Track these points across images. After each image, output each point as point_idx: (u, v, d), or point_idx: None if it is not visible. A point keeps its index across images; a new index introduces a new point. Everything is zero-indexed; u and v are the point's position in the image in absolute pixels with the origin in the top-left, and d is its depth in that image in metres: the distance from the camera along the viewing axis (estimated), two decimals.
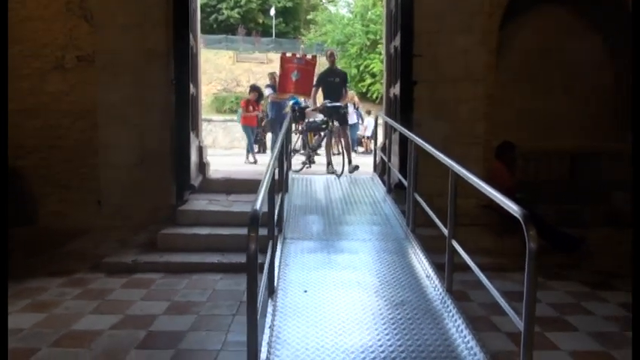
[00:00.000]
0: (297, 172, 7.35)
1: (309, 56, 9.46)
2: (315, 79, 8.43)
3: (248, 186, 6.46)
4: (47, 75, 6.23)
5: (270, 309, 3.03)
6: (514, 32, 6.92)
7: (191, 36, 5.59)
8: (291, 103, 9.16)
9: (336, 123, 7.40)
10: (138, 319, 3.51)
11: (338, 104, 7.33)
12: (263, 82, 27.25)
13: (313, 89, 7.99)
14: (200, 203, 5.83)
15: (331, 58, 7.97)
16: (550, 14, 7.01)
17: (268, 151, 11.34)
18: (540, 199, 6.45)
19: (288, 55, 8.94)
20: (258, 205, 2.27)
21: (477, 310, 3.69)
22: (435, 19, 5.98)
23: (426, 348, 2.73)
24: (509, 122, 6.71)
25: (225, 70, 28.29)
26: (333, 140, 7.81)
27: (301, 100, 9.29)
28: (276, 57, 31.53)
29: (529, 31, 6.99)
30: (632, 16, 3.56)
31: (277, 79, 9.12)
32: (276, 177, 3.88)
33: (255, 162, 9.20)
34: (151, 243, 5.19)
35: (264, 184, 2.64)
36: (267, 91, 9.83)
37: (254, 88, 10.53)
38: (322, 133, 7.80)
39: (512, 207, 2.27)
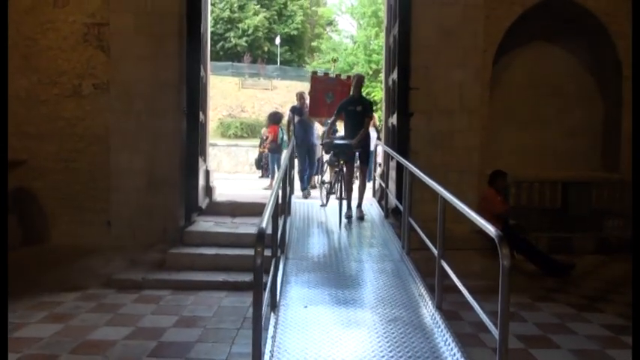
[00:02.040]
0: (323, 205, 6.78)
1: (343, 76, 8.27)
2: None
3: (252, 209, 6.76)
4: (64, 101, 6.58)
5: (272, 322, 3.27)
6: (507, 67, 7.32)
7: (202, 67, 5.97)
8: (321, 131, 8.15)
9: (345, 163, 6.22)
10: (148, 331, 3.76)
11: (346, 142, 6.09)
12: (267, 108, 27.94)
13: (332, 118, 6.76)
14: (206, 225, 6.11)
15: (358, 84, 6.54)
16: (540, 50, 7.42)
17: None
18: (533, 226, 6.73)
19: (320, 74, 7.93)
20: (264, 224, 2.54)
21: (466, 328, 3.92)
22: (431, 54, 6.36)
23: (417, 359, 2.96)
24: (503, 152, 7.04)
25: (230, 96, 28.93)
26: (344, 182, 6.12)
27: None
28: (280, 84, 32.31)
29: (521, 66, 7.40)
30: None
31: (306, 100, 8.08)
32: (280, 201, 4.17)
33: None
34: (160, 262, 5.45)
35: (270, 205, 2.92)
36: (289, 115, 8.40)
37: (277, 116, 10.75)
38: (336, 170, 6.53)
39: (488, 228, 2.55)
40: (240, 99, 29.11)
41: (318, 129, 9.00)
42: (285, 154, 10.09)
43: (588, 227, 6.97)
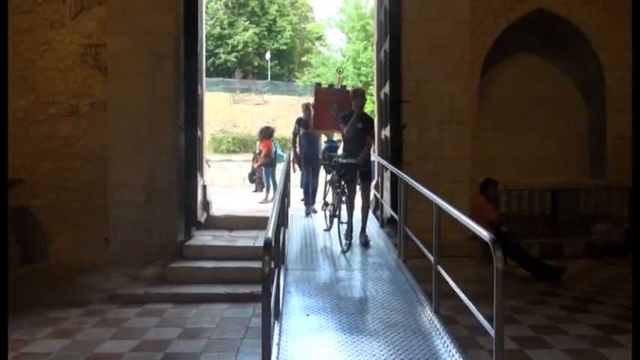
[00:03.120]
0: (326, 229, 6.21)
1: (349, 88, 7.64)
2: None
3: (249, 223, 6.89)
4: (61, 120, 6.69)
5: (276, 330, 3.37)
6: (494, 78, 7.57)
7: (198, 85, 6.12)
8: (324, 146, 7.61)
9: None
10: (154, 344, 3.83)
11: (352, 161, 5.54)
12: (259, 123, 28.09)
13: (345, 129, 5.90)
14: (205, 239, 6.20)
15: (359, 99, 5.78)
16: (526, 62, 7.69)
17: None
18: (524, 232, 6.90)
19: (324, 85, 7.40)
20: (270, 234, 2.66)
21: (464, 332, 4.04)
22: (421, 68, 6.57)
23: None
24: (493, 161, 7.25)
25: (222, 111, 29.10)
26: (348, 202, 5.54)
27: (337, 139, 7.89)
28: (271, 99, 32.56)
29: (508, 78, 7.65)
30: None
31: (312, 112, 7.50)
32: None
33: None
34: (160, 276, 5.52)
35: (273, 217, 3.05)
36: (295, 128, 7.82)
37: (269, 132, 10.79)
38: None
39: (482, 233, 2.69)
40: (231, 114, 29.29)
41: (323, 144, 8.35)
42: (281, 168, 10.19)
43: (577, 233, 7.16)
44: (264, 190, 9.84)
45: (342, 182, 5.58)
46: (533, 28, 7.33)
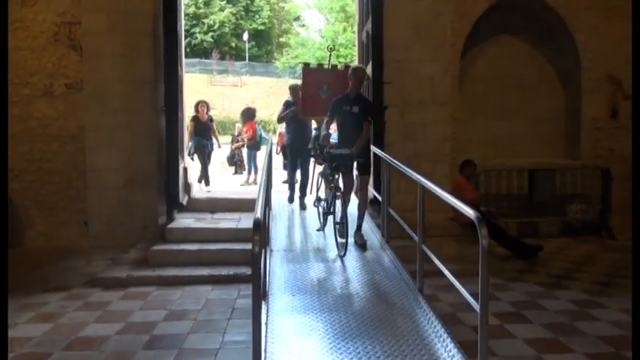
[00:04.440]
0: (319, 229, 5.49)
1: (341, 67, 6.97)
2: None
3: (230, 205, 6.87)
4: (36, 102, 6.49)
5: (264, 310, 3.39)
6: (474, 60, 7.63)
7: (178, 65, 6.00)
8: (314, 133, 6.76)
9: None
10: (140, 326, 3.82)
11: (346, 152, 4.83)
12: (237, 105, 27.76)
13: (325, 120, 5.34)
14: (187, 221, 6.15)
15: (357, 79, 5.15)
16: (506, 43, 7.76)
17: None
18: (502, 212, 7.06)
19: (313, 66, 6.58)
20: (259, 214, 2.66)
21: (446, 309, 4.14)
22: (403, 49, 6.56)
23: (402, 338, 3.15)
24: (473, 141, 7.35)
25: (199, 93, 28.58)
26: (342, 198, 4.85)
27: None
28: (249, 80, 32.16)
29: (488, 59, 7.72)
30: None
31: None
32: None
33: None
34: (142, 259, 5.48)
35: (261, 198, 3.05)
36: (281, 111, 6.90)
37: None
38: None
39: (468, 211, 2.75)
40: (209, 96, 28.77)
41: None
42: (263, 153, 10.10)
43: (553, 212, 7.35)
44: (246, 172, 9.79)
45: (336, 176, 4.90)
46: (512, 10, 7.37)
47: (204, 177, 8.15)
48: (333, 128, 5.79)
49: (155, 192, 6.36)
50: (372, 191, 6.22)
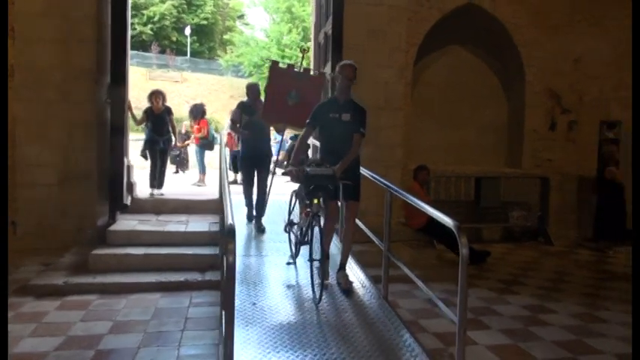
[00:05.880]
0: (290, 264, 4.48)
1: (314, 72, 6.23)
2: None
3: (177, 206, 6.51)
4: None
5: (224, 320, 3.17)
6: (426, 68, 7.79)
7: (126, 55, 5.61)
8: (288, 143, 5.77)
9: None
10: (82, 340, 3.46)
11: (327, 172, 3.74)
12: (178, 102, 26.74)
13: (303, 131, 4.21)
14: (131, 223, 5.74)
15: (347, 79, 4.01)
16: (455, 54, 7.99)
17: (190, 173, 11.17)
18: (451, 218, 7.22)
19: (282, 65, 5.71)
20: (230, 220, 2.46)
21: (407, 316, 4.11)
22: (359, 53, 6.51)
23: (371, 348, 3.06)
24: (423, 147, 7.48)
25: (137, 87, 27.26)
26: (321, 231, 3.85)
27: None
28: (191, 76, 31.14)
29: (439, 68, 7.90)
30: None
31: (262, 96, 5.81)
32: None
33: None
34: (80, 264, 5.03)
35: (228, 203, 2.84)
36: (235, 114, 5.80)
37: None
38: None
39: (446, 220, 2.72)
40: (147, 91, 27.30)
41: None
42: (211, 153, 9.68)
43: (497, 218, 7.64)
44: (199, 172, 9.37)
45: (315, 201, 3.78)
46: (463, 22, 7.59)
47: (157, 179, 7.01)
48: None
49: (94, 191, 5.92)
50: None
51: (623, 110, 8.07)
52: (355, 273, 4.28)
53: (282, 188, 6.45)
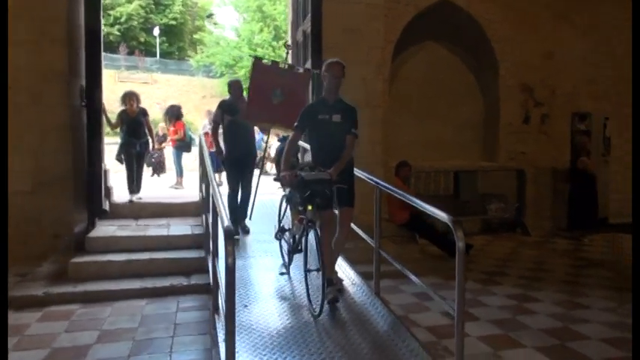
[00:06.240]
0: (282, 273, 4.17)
1: (299, 69, 5.98)
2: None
3: (156, 210, 6.38)
4: None
5: (218, 325, 3.12)
6: (403, 64, 7.84)
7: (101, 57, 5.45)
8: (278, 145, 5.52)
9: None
10: (69, 351, 3.35)
11: (324, 176, 3.55)
12: (148, 103, 26.14)
13: (291, 135, 3.94)
14: (110, 229, 5.59)
15: (335, 77, 3.85)
16: (431, 50, 8.07)
17: (167, 176, 10.94)
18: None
19: (266, 62, 5.48)
20: (226, 222, 2.42)
21: (397, 311, 4.12)
22: (338, 50, 6.48)
23: (367, 346, 3.06)
24: (402, 144, 7.53)
25: (107, 90, 26.52)
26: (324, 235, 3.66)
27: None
28: (161, 78, 30.54)
29: (416, 64, 7.97)
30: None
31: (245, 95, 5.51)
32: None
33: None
34: (59, 273, 4.87)
35: (221, 204, 2.79)
36: (216, 114, 5.41)
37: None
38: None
39: (441, 215, 2.74)
40: (116, 93, 26.76)
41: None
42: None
43: (476, 211, 7.77)
44: (176, 175, 9.19)
45: (310, 207, 3.55)
46: (438, 18, 7.68)
47: (134, 184, 6.77)
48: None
49: (70, 197, 5.74)
50: None
51: (593, 102, 8.35)
52: (344, 270, 4.28)
53: (265, 188, 6.39)
